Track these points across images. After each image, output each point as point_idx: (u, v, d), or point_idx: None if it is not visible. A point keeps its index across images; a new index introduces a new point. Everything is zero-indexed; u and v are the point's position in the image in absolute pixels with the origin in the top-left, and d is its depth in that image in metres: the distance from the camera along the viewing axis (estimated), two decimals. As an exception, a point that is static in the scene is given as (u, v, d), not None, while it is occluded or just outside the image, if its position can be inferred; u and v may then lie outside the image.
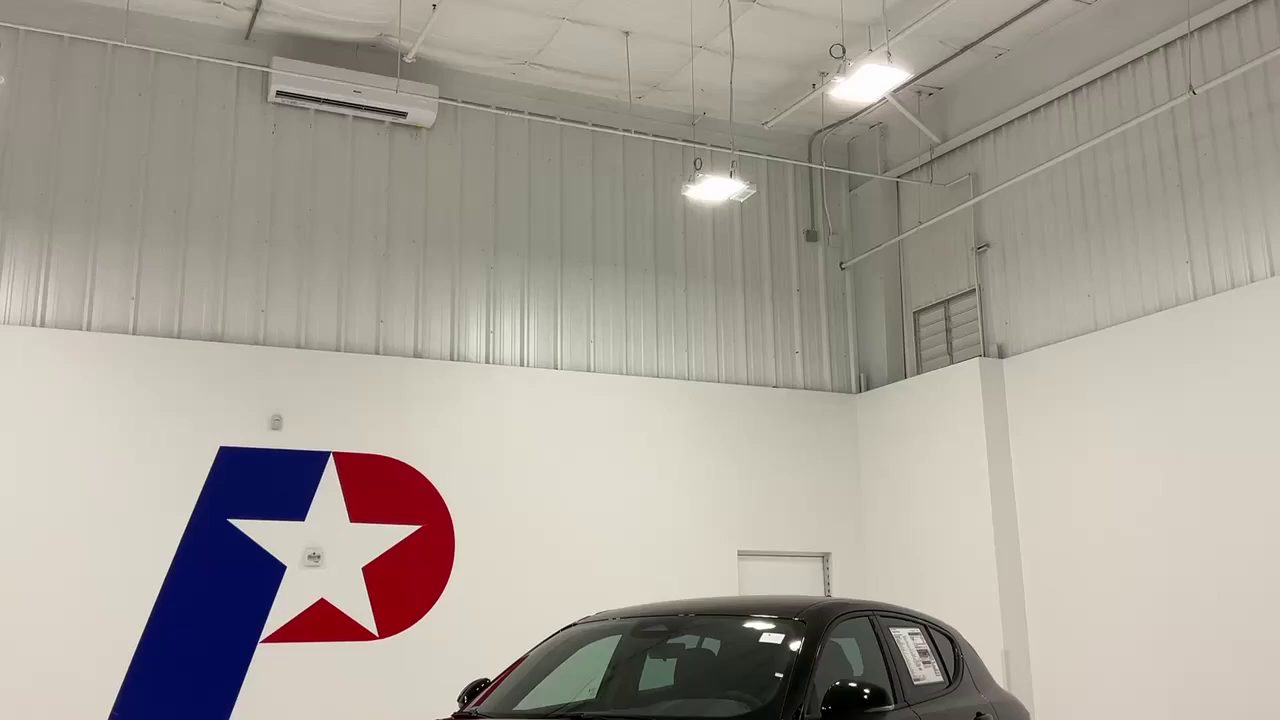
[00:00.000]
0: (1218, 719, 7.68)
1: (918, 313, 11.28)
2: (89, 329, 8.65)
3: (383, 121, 9.95)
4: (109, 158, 9.00)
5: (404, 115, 9.83)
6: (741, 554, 10.47)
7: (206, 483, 8.63)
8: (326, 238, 9.61)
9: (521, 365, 10.10)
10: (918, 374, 10.94)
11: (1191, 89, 8.25)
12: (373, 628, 8.91)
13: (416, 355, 9.70)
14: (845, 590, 10.65)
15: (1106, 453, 8.80)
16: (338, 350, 9.41)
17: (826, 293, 11.75)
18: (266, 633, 8.58)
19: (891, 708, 4.58)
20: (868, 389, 11.38)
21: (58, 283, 8.66)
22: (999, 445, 9.71)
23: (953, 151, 10.85)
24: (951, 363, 10.53)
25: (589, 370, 10.37)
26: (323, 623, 8.76)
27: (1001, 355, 10.04)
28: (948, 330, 10.86)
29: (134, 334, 8.76)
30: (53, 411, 8.33)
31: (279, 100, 9.51)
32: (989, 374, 9.86)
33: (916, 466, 10.44)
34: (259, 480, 8.80)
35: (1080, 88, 9.55)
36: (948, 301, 10.88)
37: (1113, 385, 8.82)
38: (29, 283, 8.57)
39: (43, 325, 8.52)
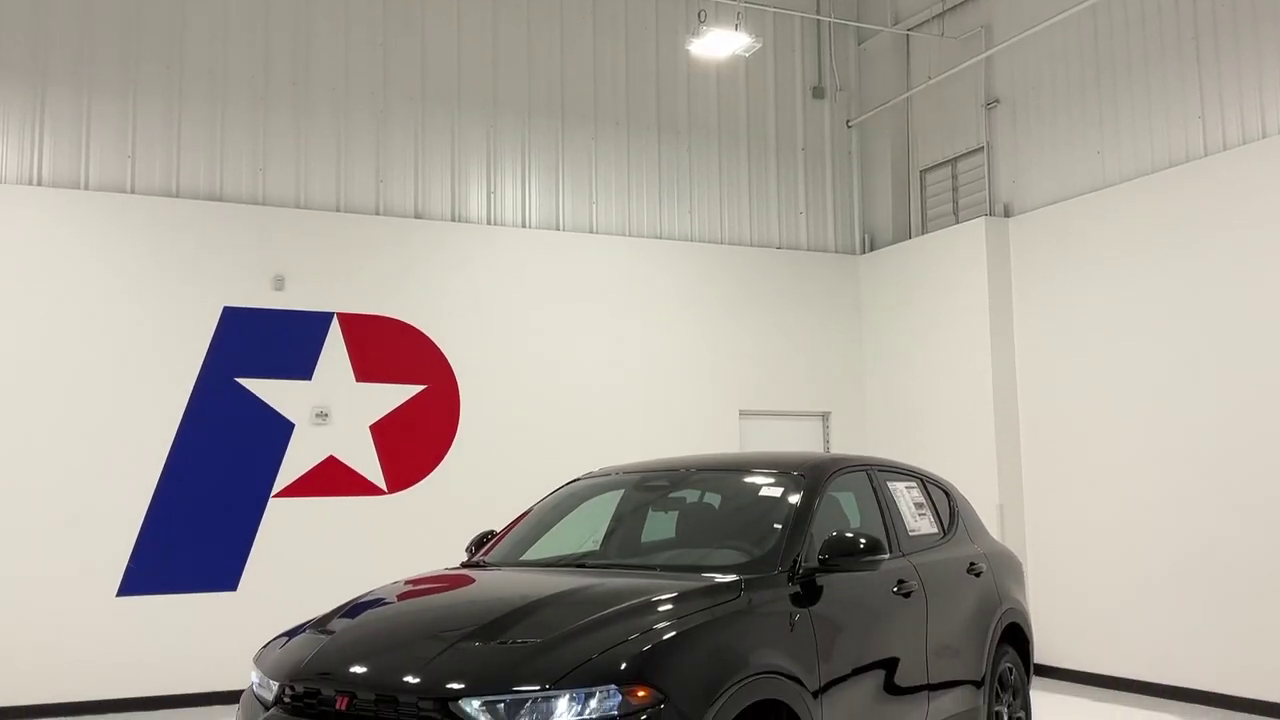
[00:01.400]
0: (1208, 572, 7.89)
1: (924, 171, 11.13)
2: (86, 188, 8.57)
3: (377, -28, 9.63)
4: (98, 10, 8.75)
5: (398, -35, 9.51)
6: (743, 413, 10.60)
7: (212, 343, 8.69)
8: (322, 95, 9.42)
9: (523, 226, 10.04)
10: (923, 234, 10.87)
11: (1215, -65, 7.95)
12: (381, 483, 9.10)
13: (417, 216, 9.63)
14: (845, 449, 10.82)
15: (1111, 313, 8.80)
16: (337, 210, 9.34)
17: (832, 151, 11.57)
18: (278, 488, 8.77)
19: (886, 557, 4.72)
20: (872, 249, 11.32)
21: (53, 140, 8.53)
22: (1001, 305, 9.71)
23: (965, 3, 10.52)
24: (957, 222, 10.44)
25: (591, 231, 10.30)
26: (332, 478, 8.94)
27: (1008, 214, 9.94)
28: (954, 189, 10.73)
29: (131, 193, 8.69)
30: (54, 271, 8.32)
31: (269, -51, 9.20)
32: (994, 233, 9.79)
33: (918, 327, 10.48)
34: (264, 340, 8.86)
35: (1099, -66, 9.19)
36: (955, 160, 10.72)
37: (1119, 244, 8.77)
38: (23, 140, 8.45)
39: (39, 184, 8.45)
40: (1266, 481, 7.54)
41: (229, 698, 7.71)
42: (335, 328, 9.10)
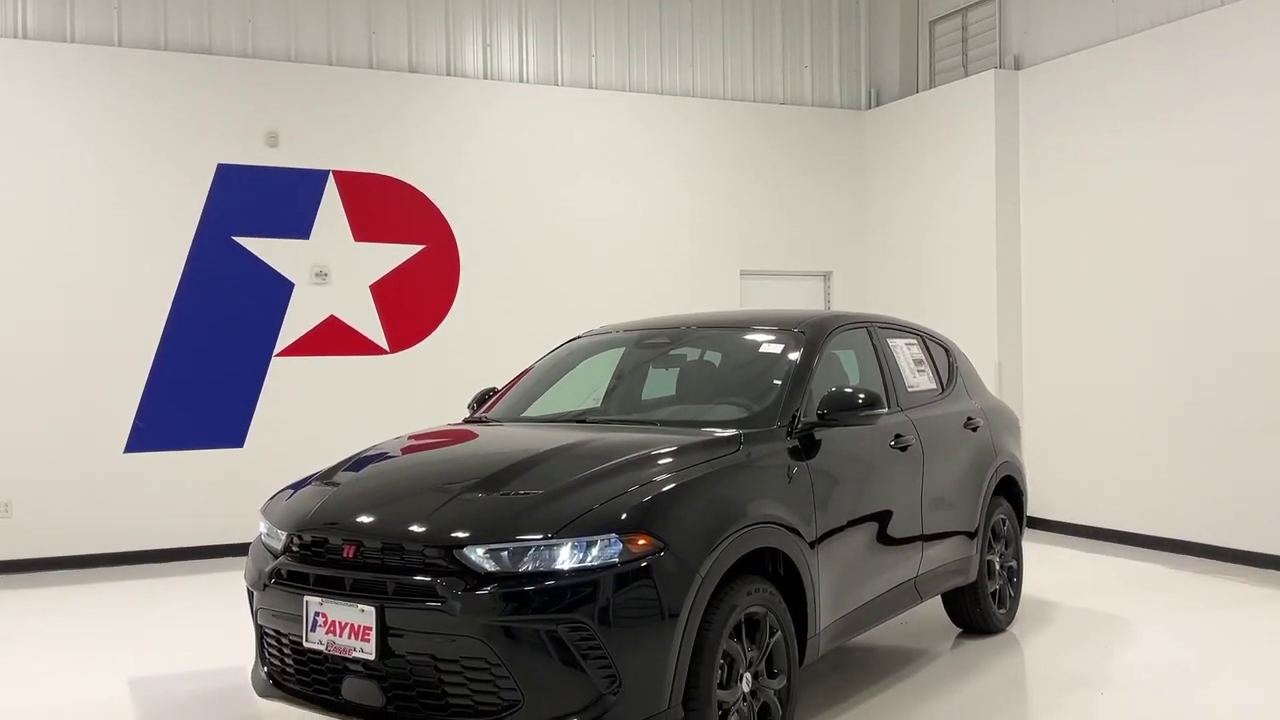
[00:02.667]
0: (1200, 427, 7.98)
1: (933, 22, 10.80)
2: (72, 40, 8.33)
3: None
4: None
5: None
6: (744, 273, 10.55)
7: (207, 201, 8.59)
8: (311, -59, 9.07)
9: (521, 81, 9.80)
10: (930, 88, 10.61)
11: None
12: (383, 343, 9.13)
13: (411, 70, 9.38)
14: (847, 309, 10.80)
15: (1120, 170, 8.66)
16: (329, 64, 9.09)
17: (839, 0, 11.21)
18: (280, 347, 8.80)
19: (884, 412, 4.76)
20: (878, 104, 11.08)
21: (33, -9, 8.27)
22: (1008, 161, 9.55)
23: None
24: (966, 75, 10.18)
25: (591, 86, 10.06)
26: (334, 338, 8.97)
27: (1018, 66, 9.68)
28: (964, 40, 10.42)
29: (119, 46, 8.45)
30: (43, 127, 8.17)
31: None
32: (1003, 86, 9.55)
33: (923, 184, 10.34)
34: (260, 198, 8.76)
35: None
36: (965, 9, 10.39)
37: (1132, 98, 8.55)
38: (3, -9, 8.19)
39: (23, 37, 8.21)
40: (1262, 339, 7.55)
41: (238, 550, 7.90)
42: (331, 186, 8.98)
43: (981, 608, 5.85)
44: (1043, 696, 4.97)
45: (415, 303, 9.25)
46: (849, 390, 4.56)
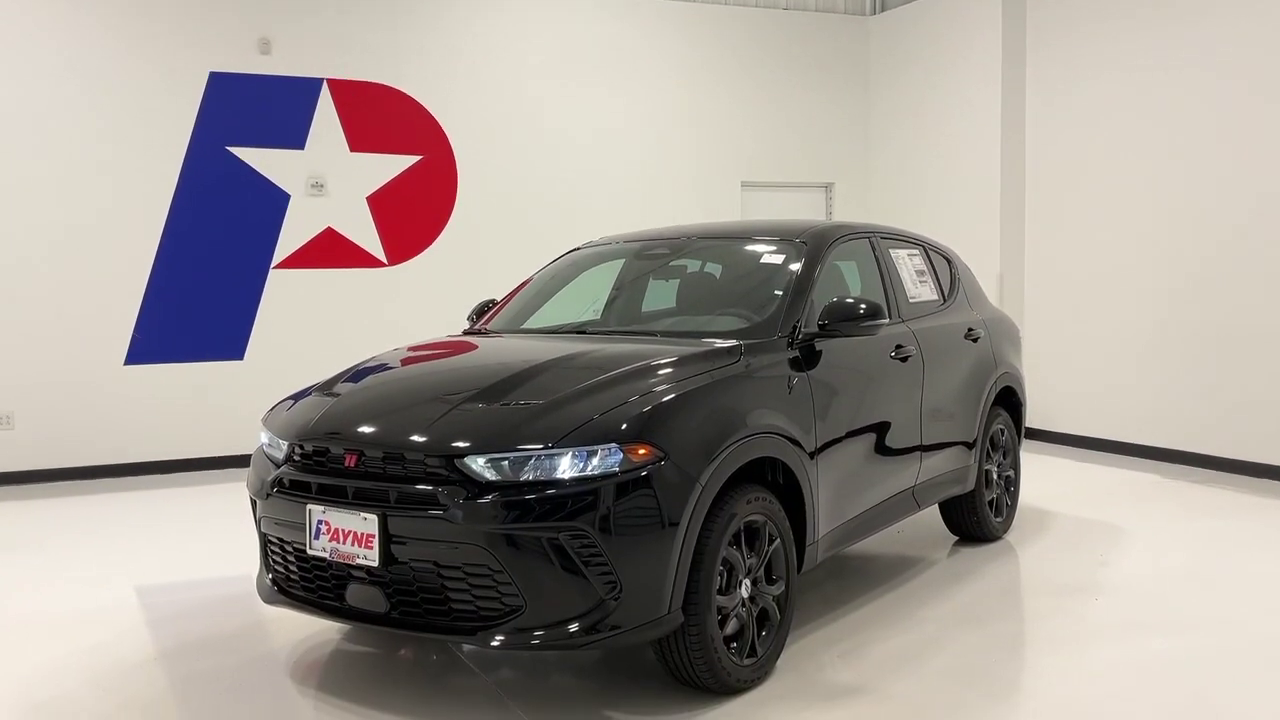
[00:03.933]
0: (1197, 339, 7.98)
1: (941, -76, 10.50)
2: (55, -56, 8.12)
3: None
4: None
5: None
6: (745, 184, 10.44)
7: (200, 110, 8.45)
8: None
9: (517, -15, 9.57)
10: (936, -7, 10.37)
11: None
12: (381, 255, 9.07)
13: (406, -26, 9.16)
14: (848, 219, 10.70)
15: (1128, 80, 8.50)
16: (322, -32, 8.88)
17: (844, -98, 10.90)
18: (277, 259, 8.74)
19: (885, 322, 4.74)
20: (882, 10, 10.84)
21: (13, -109, 8.02)
22: (1014, 69, 9.37)
23: None
24: (972, -20, 9.94)
25: (589, -10, 9.84)
26: (331, 250, 8.90)
27: (1026, -30, 9.46)
28: (972, -57, 10.15)
29: (104, -50, 8.24)
30: (28, 37, 8.00)
31: None
32: (1011, -9, 9.35)
33: (927, 92, 10.16)
34: (254, 107, 8.61)
35: None
36: (974, -90, 10.09)
37: (1142, 5, 8.35)
38: (-18, -109, 7.94)
39: (5, -60, 8.00)
40: (1261, 251, 7.49)
41: (239, 461, 7.96)
42: (325, 94, 8.83)
43: (979, 516, 5.90)
44: (1038, 602, 5.04)
45: (413, 214, 9.16)
46: (850, 301, 4.54)
